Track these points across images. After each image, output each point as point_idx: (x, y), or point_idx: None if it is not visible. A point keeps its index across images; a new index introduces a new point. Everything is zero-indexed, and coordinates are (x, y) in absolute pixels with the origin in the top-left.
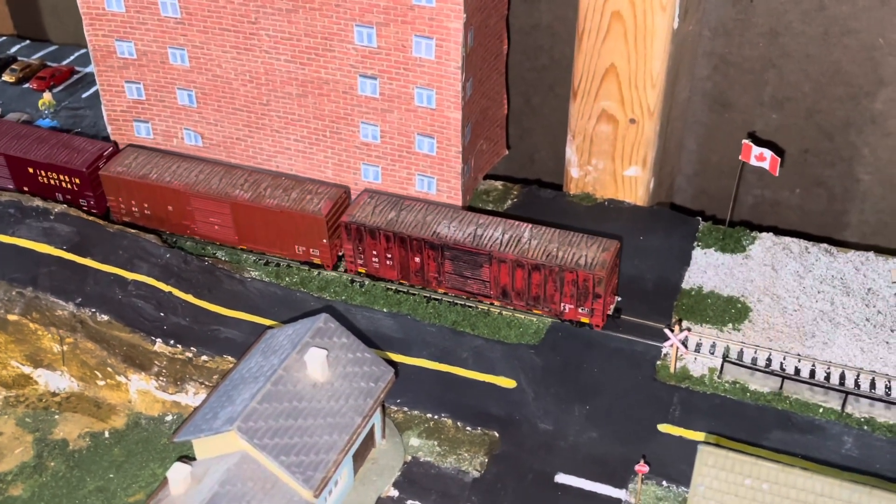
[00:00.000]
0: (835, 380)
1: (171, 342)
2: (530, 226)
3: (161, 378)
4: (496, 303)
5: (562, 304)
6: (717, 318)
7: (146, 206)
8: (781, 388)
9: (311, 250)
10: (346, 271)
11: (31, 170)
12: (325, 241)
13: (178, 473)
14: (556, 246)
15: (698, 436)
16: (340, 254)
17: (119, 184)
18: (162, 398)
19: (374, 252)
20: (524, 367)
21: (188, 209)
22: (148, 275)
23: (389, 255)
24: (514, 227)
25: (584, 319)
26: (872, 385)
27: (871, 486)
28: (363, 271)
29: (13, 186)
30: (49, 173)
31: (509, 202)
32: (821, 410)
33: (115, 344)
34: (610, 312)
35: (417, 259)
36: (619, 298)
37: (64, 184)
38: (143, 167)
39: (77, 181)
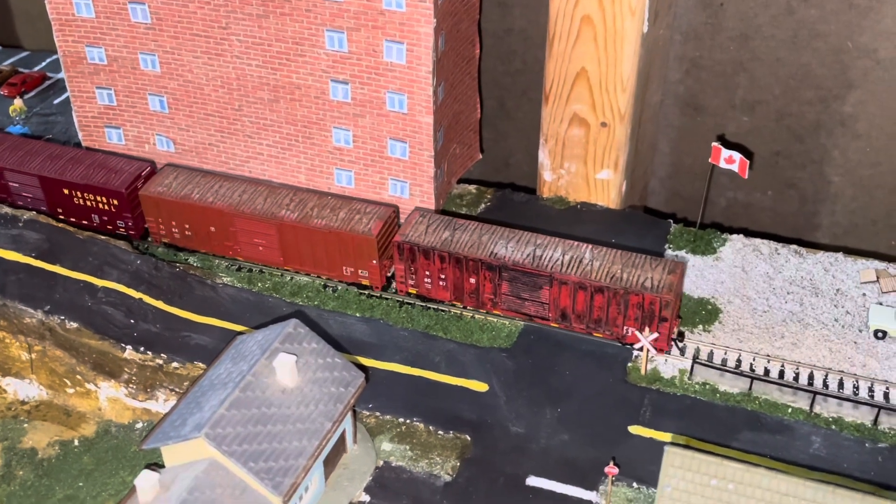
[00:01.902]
0: (803, 380)
1: (142, 349)
2: (591, 246)
3: (131, 385)
4: (554, 325)
5: (624, 328)
6: (687, 319)
7: (187, 226)
8: (751, 388)
9: (360, 271)
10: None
11: (66, 191)
12: (374, 261)
13: (146, 481)
14: (620, 267)
15: (668, 437)
16: (389, 275)
17: (159, 204)
18: (132, 405)
19: (427, 273)
20: (496, 370)
21: (231, 230)
22: (118, 281)
23: (443, 276)
24: (575, 247)
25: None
26: (841, 385)
27: (834, 485)
28: (414, 292)
29: (46, 208)
30: (85, 194)
31: (483, 206)
32: (790, 411)
33: (85, 351)
34: (674, 336)
35: (473, 280)
36: (681, 318)
37: (101, 205)
38: (183, 187)
39: (115, 202)
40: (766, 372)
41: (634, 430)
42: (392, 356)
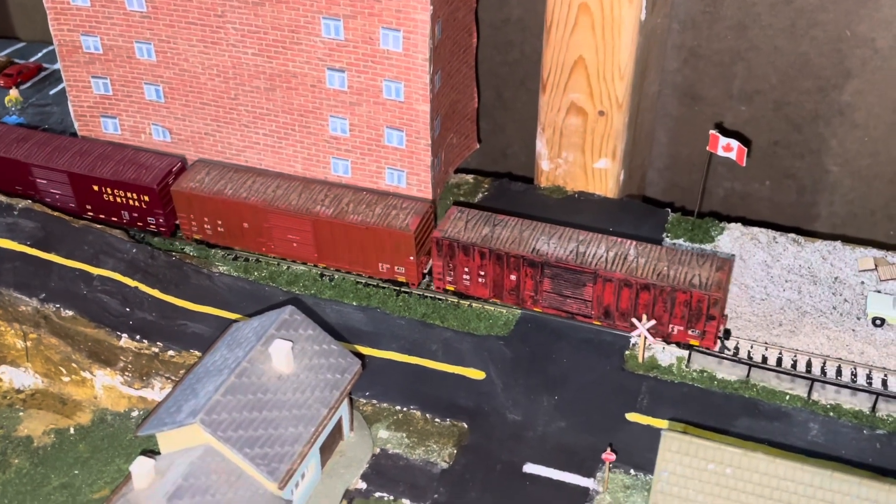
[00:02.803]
0: (801, 367)
1: (137, 337)
2: (635, 243)
3: (127, 373)
4: (596, 322)
5: (670, 326)
6: None
7: (219, 222)
8: (748, 376)
9: (396, 268)
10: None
11: (95, 188)
12: (412, 258)
13: (141, 468)
14: (666, 265)
15: (665, 424)
16: (426, 271)
17: (191, 200)
18: (128, 394)
19: (466, 269)
20: (493, 358)
21: (266, 226)
22: (114, 270)
23: (482, 273)
24: (619, 244)
25: (694, 342)
26: (839, 372)
27: (832, 469)
28: (452, 289)
29: (74, 205)
30: (116, 191)
31: (480, 195)
32: (787, 398)
33: (80, 339)
34: (720, 334)
35: (513, 277)
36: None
37: (132, 201)
38: (216, 182)
39: (146, 198)
40: (764, 359)
41: (632, 417)
42: (389, 344)
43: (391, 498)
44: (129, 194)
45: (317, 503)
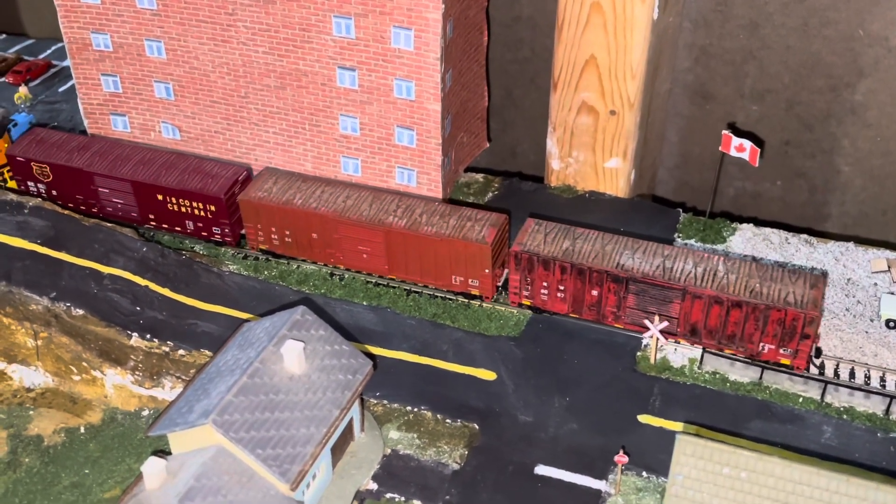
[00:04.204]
0: (814, 370)
1: (148, 336)
2: (723, 258)
3: (137, 373)
4: (681, 340)
5: (760, 344)
6: None
7: (287, 233)
8: (761, 378)
9: (471, 280)
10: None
11: (160, 197)
12: (487, 270)
13: (153, 468)
14: (758, 281)
15: (678, 426)
16: (499, 284)
17: (259, 210)
18: (138, 393)
19: (545, 284)
20: (504, 359)
21: (335, 237)
22: (124, 269)
23: (562, 288)
24: (706, 259)
25: (785, 361)
26: (852, 375)
27: (848, 474)
28: (528, 304)
29: (136, 214)
30: (181, 200)
31: (490, 195)
32: (800, 400)
33: (91, 338)
34: (811, 353)
35: (595, 292)
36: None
37: (197, 211)
38: (284, 192)
39: (212, 208)
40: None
41: (644, 419)
42: (399, 344)
43: (402, 499)
44: (194, 204)
45: None
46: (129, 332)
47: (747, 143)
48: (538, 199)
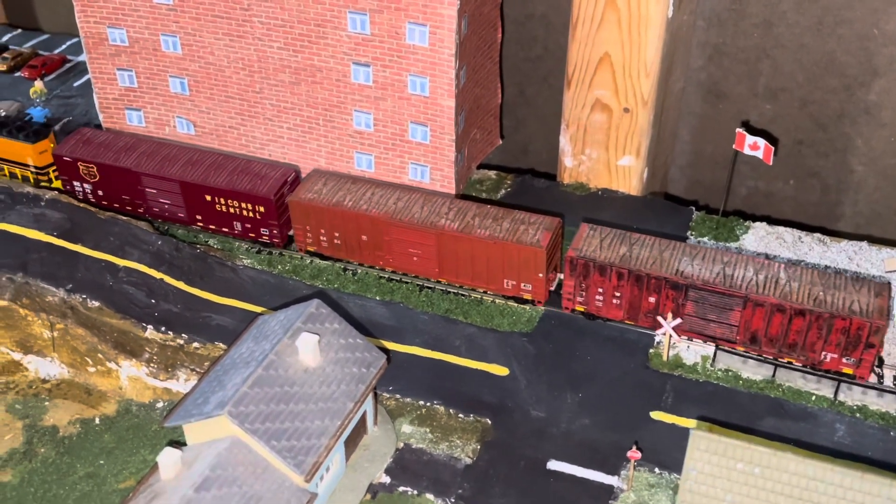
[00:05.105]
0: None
1: (163, 329)
2: (784, 265)
3: (152, 365)
4: (740, 349)
5: (822, 353)
6: None
7: (336, 234)
8: (774, 375)
9: (523, 284)
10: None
11: (208, 197)
12: (541, 275)
13: (168, 458)
14: (821, 289)
15: (690, 423)
16: (552, 289)
17: (309, 211)
18: (153, 385)
19: (600, 290)
20: (517, 354)
21: (385, 239)
22: (139, 261)
23: (618, 294)
24: (767, 266)
25: (848, 370)
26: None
27: (862, 470)
28: (581, 309)
29: (184, 215)
30: (230, 201)
31: (503, 191)
32: (813, 398)
33: (106, 330)
34: (875, 363)
35: (652, 299)
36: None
37: (245, 212)
38: (334, 193)
39: (261, 209)
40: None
41: (656, 415)
42: (412, 339)
43: (415, 492)
44: (243, 205)
45: (341, 497)
46: (144, 325)
47: (761, 142)
48: (551, 197)
